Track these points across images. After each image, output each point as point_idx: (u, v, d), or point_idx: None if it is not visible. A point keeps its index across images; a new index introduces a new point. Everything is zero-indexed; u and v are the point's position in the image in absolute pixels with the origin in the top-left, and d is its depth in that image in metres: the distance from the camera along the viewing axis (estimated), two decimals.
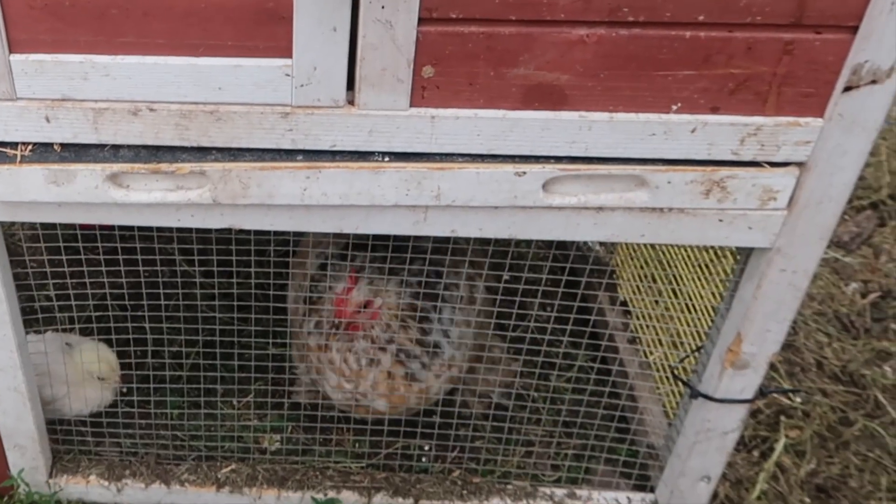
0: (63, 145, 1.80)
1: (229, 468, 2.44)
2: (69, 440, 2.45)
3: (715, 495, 2.48)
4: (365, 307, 2.31)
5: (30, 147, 1.79)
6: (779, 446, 2.66)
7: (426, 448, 2.57)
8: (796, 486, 2.58)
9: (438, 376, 2.36)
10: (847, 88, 1.67)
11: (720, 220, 1.84)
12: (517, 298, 2.29)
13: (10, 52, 1.68)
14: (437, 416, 2.39)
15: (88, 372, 2.39)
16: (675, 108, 1.71)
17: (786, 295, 1.93)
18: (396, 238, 2.24)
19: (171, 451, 2.50)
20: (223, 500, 2.43)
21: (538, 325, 2.26)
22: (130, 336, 2.27)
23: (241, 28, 1.65)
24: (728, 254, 2.39)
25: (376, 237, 2.04)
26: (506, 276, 2.24)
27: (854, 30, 1.61)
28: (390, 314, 2.31)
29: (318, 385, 2.45)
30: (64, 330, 2.43)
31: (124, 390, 2.43)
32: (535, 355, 2.34)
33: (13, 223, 2.37)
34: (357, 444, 2.58)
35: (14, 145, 1.80)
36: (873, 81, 1.65)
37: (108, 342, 2.43)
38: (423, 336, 2.33)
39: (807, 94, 1.69)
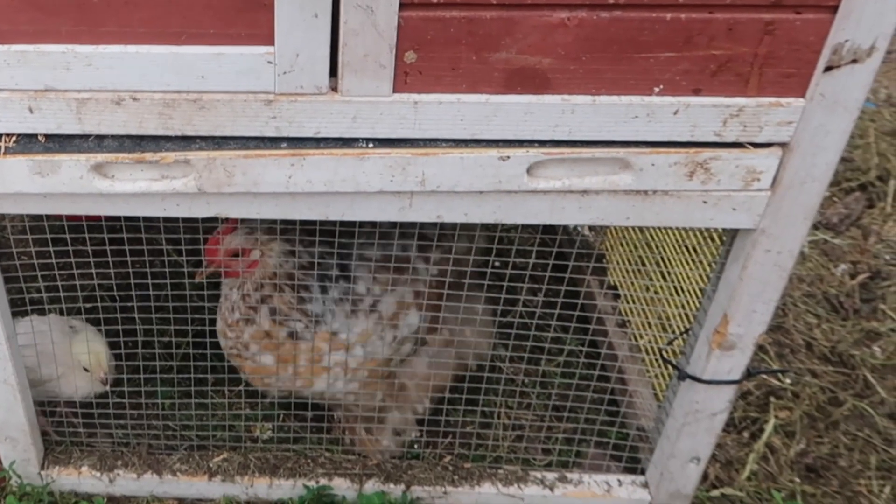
0: (47, 136, 1.79)
1: (221, 457, 2.45)
2: (60, 431, 2.45)
3: (705, 476, 2.50)
4: (239, 256, 2.26)
5: (13, 138, 1.79)
6: (768, 427, 2.67)
7: (417, 434, 2.57)
8: (786, 466, 2.59)
9: (329, 346, 2.31)
10: (828, 68, 1.67)
11: (704, 202, 1.84)
12: (505, 283, 2.29)
13: None
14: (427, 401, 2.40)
15: (77, 361, 2.39)
16: (657, 90, 1.71)
17: (771, 275, 1.93)
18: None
19: (162, 441, 2.50)
20: (215, 489, 2.44)
21: (526, 309, 2.26)
22: (120, 327, 2.27)
23: (222, 15, 1.65)
24: (715, 236, 2.40)
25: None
26: (494, 261, 2.23)
27: (834, 9, 1.61)
28: (265, 273, 2.27)
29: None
30: (70, 314, 2.43)
31: (111, 383, 2.43)
32: (525, 340, 2.35)
33: (0, 216, 2.37)
34: (347, 431, 2.58)
35: None
36: (854, 61, 1.66)
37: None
38: (300, 305, 2.30)
39: (788, 75, 1.69)
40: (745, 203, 1.83)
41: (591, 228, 3.04)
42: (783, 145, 1.77)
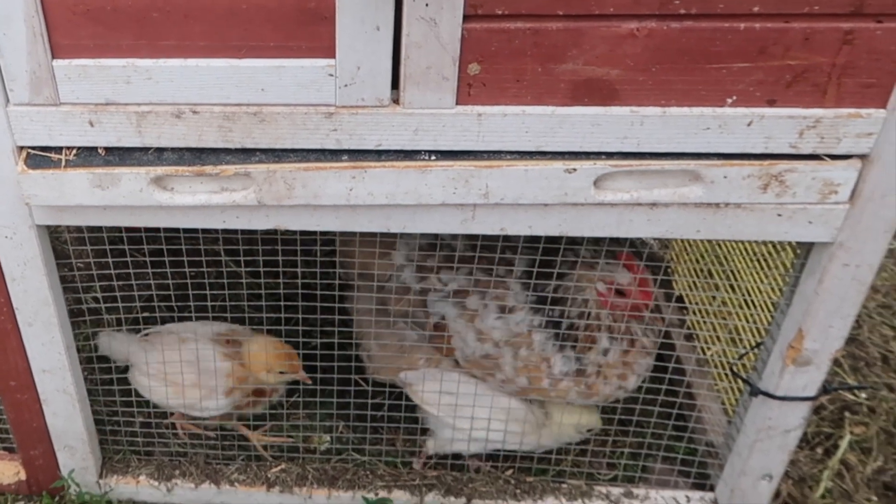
0: (107, 149, 1.79)
1: (279, 468, 2.44)
2: (118, 441, 2.46)
3: (777, 494, 2.43)
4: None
5: (74, 151, 1.79)
6: (843, 443, 2.61)
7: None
8: (862, 483, 2.52)
9: None
10: None
11: (779, 215, 1.79)
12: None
13: (53, 57, 1.68)
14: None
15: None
16: (729, 101, 1.67)
17: (849, 290, 1.88)
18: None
19: (220, 452, 2.50)
20: (273, 500, 2.43)
21: (591, 322, 2.21)
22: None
23: (282, 28, 1.63)
24: (787, 246, 2.33)
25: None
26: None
27: None
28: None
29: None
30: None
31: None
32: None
33: (59, 226, 2.37)
34: (407, 444, 2.56)
35: (59, 150, 1.80)
36: None
37: None
38: None
39: (868, 85, 1.64)
40: (821, 216, 1.78)
41: (657, 238, 2.97)
42: (863, 157, 1.72)
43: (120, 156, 1.79)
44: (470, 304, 2.26)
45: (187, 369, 2.32)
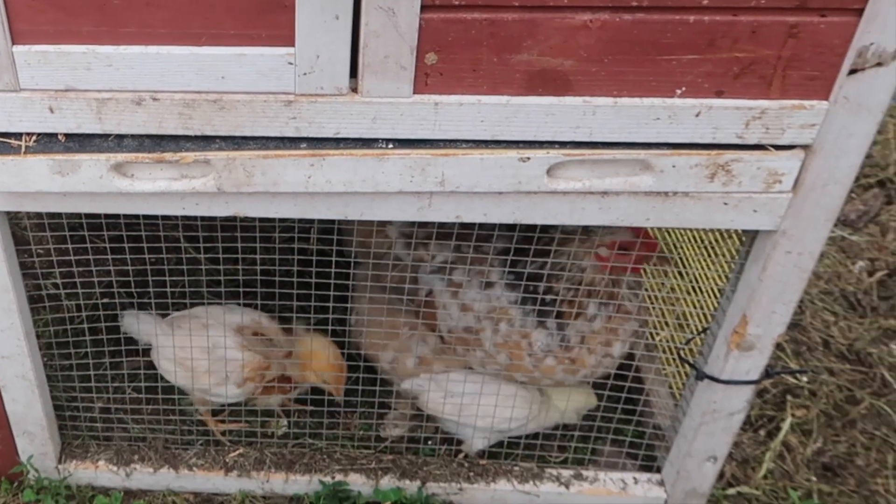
0: (67, 135, 1.80)
1: (237, 452, 2.46)
2: (77, 426, 2.46)
3: (721, 475, 2.50)
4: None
5: (34, 138, 1.79)
6: (785, 425, 2.67)
7: (434, 430, 2.58)
8: (803, 464, 2.59)
9: None
10: (852, 71, 1.66)
11: (725, 204, 1.84)
12: (522, 283, 2.28)
13: (13, 43, 1.68)
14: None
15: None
16: (679, 92, 1.71)
17: (791, 277, 1.93)
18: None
19: (179, 437, 2.51)
20: (231, 484, 2.45)
21: (541, 308, 2.25)
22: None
23: (243, 16, 1.65)
24: (733, 234, 2.39)
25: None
26: (510, 258, 2.22)
27: (859, 12, 1.61)
28: None
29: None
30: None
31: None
32: None
33: (18, 213, 2.37)
34: (364, 429, 2.59)
35: (18, 136, 1.80)
36: (878, 64, 1.65)
37: (115, 329, 2.44)
38: None
39: (812, 77, 1.69)
40: (766, 205, 1.83)
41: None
42: (806, 148, 1.77)
43: (80, 142, 1.79)
44: (455, 277, 2.30)
45: (203, 356, 2.33)
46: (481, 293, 2.27)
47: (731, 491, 2.51)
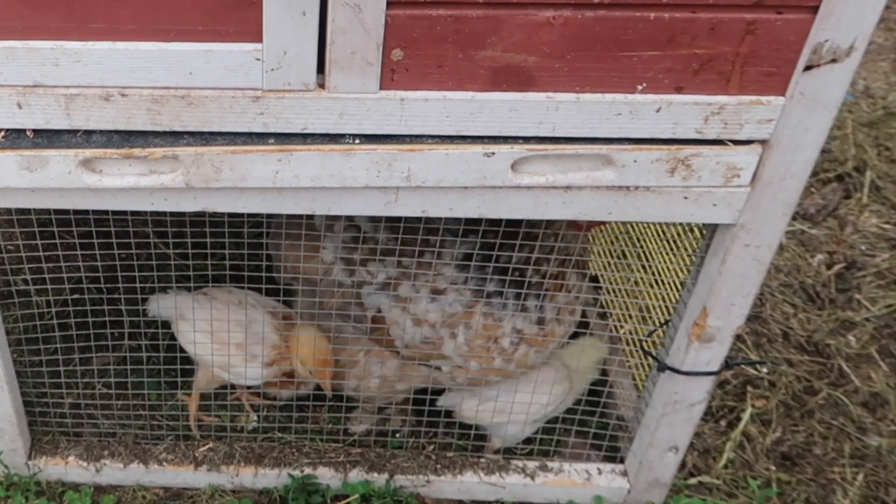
0: (36, 131, 1.80)
1: (207, 447, 2.47)
2: (47, 422, 2.46)
3: (683, 464, 2.54)
4: None
5: (2, 133, 1.80)
6: (745, 416, 2.72)
7: (401, 424, 2.60)
8: (762, 454, 2.63)
9: None
10: (808, 67, 1.69)
11: (685, 198, 1.87)
12: (489, 276, 2.31)
13: None
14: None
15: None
16: (640, 88, 1.74)
17: (750, 269, 1.96)
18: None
19: (149, 432, 2.52)
20: (201, 479, 2.46)
21: (512, 301, 2.28)
22: (107, 318, 2.27)
23: (210, 13, 1.66)
24: (696, 228, 2.42)
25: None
26: (476, 251, 2.25)
27: (815, 10, 1.64)
28: None
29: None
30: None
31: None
32: None
33: None
34: (333, 422, 2.61)
35: None
36: (833, 60, 1.68)
37: (85, 325, 2.45)
38: None
39: (769, 74, 1.72)
40: (725, 199, 1.86)
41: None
42: (763, 142, 1.80)
43: (48, 138, 1.80)
44: (402, 291, 2.30)
45: (240, 330, 2.33)
46: (434, 301, 2.28)
47: (693, 480, 2.55)
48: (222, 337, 2.33)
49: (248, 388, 2.59)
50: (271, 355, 2.39)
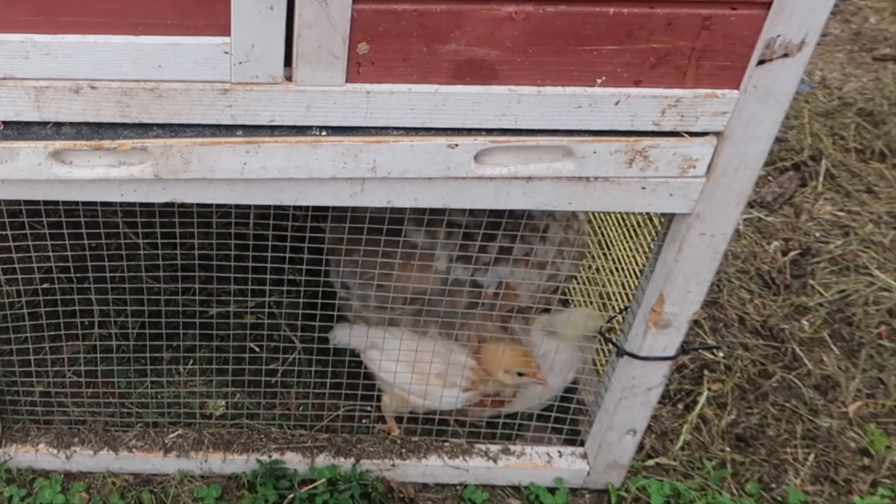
0: (5, 123, 1.81)
1: (176, 433, 2.49)
2: (17, 410, 2.47)
3: (641, 447, 2.58)
4: None
5: None
6: (702, 399, 2.77)
7: (368, 410, 2.64)
8: (717, 436, 2.68)
9: None
10: (761, 62, 1.73)
11: (643, 188, 1.91)
12: (454, 265, 2.36)
13: None
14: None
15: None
16: (599, 81, 1.77)
17: (705, 257, 2.01)
18: None
19: (118, 419, 2.54)
20: (170, 465, 2.49)
21: (471, 289, 2.33)
22: (77, 308, 2.29)
23: (180, 7, 1.68)
24: (653, 217, 2.47)
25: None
26: (441, 241, 2.29)
27: (768, 6, 1.67)
28: None
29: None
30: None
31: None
32: None
33: None
34: (301, 408, 2.64)
35: None
36: (785, 55, 1.72)
37: (55, 314, 2.46)
38: None
39: (724, 68, 1.76)
40: (681, 189, 1.90)
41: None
42: (718, 134, 1.84)
43: (18, 130, 1.81)
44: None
45: (438, 360, 2.36)
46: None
47: (650, 462, 2.60)
48: (423, 367, 2.36)
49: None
50: (470, 379, 2.41)
